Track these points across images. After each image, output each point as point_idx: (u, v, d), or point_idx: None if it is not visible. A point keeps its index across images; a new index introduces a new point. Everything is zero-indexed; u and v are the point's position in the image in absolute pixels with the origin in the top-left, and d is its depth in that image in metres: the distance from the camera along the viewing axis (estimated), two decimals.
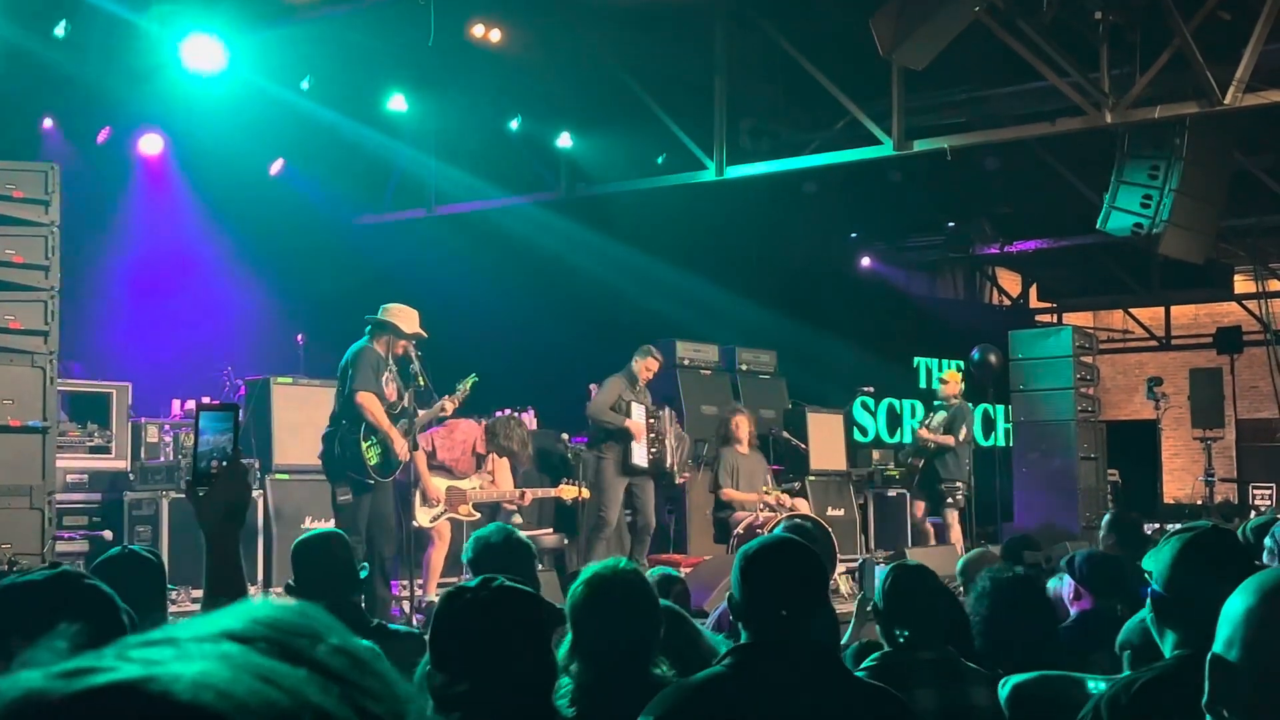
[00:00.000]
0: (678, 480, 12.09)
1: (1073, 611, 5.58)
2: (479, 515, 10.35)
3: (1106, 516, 8.54)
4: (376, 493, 9.22)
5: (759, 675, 3.09)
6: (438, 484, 10.25)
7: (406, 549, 9.82)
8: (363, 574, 5.37)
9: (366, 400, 9.09)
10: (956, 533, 13.59)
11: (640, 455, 11.50)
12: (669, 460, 11.70)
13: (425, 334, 9.41)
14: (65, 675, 0.73)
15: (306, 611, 0.83)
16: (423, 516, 10.15)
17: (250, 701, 0.72)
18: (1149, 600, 3.05)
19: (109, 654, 0.76)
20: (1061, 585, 5.79)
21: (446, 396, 9.76)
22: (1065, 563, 5.83)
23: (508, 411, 11.16)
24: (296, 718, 0.73)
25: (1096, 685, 3.41)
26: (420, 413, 9.57)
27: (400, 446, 9.17)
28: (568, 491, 10.92)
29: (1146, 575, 3.07)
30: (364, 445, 9.12)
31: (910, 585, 4.31)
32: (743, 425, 12.36)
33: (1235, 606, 1.90)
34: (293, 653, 0.78)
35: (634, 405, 11.55)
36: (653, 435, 11.58)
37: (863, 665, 4.16)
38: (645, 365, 11.69)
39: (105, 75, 11.71)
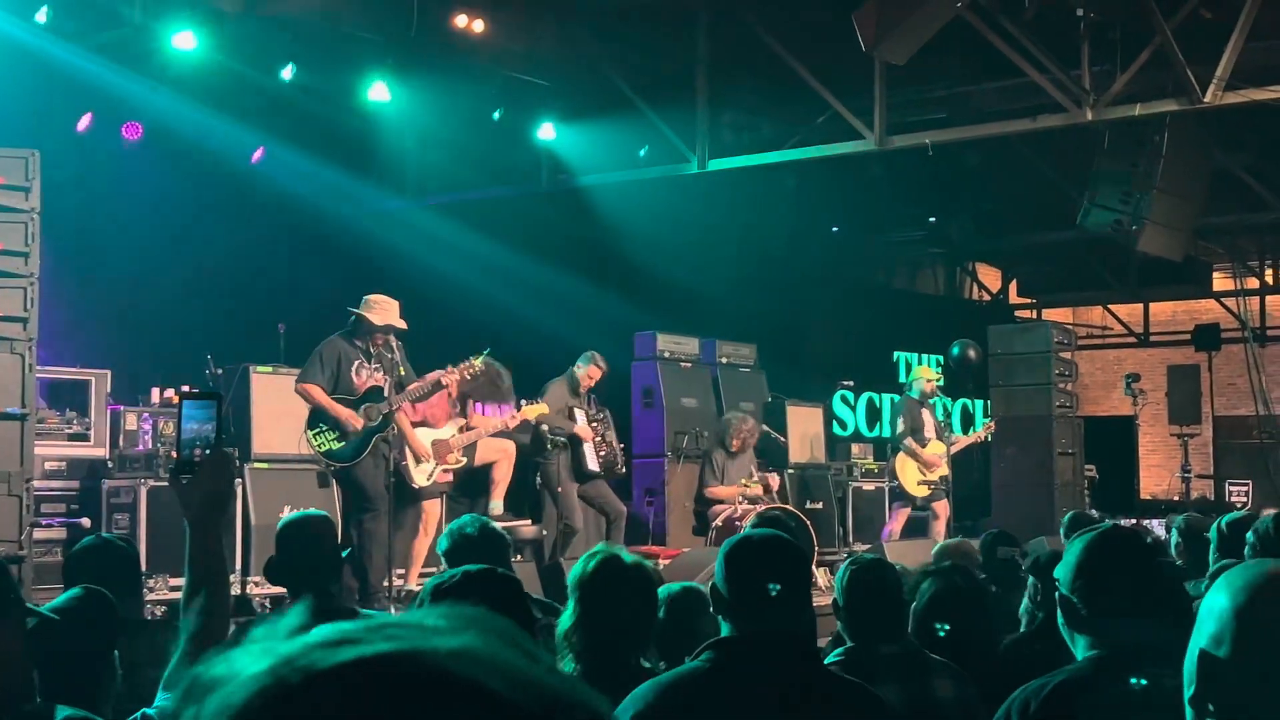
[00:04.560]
0: (623, 471, 12.23)
1: (1040, 614, 5.54)
2: (465, 460, 10.30)
3: (1066, 517, 8.54)
4: (363, 477, 9.26)
5: (737, 671, 3.08)
6: (422, 438, 10.20)
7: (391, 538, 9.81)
8: (344, 555, 5.42)
9: (305, 390, 9.27)
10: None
11: (592, 460, 11.61)
12: (619, 462, 11.86)
13: (402, 324, 9.41)
14: (325, 646, 0.71)
15: (497, 618, 0.80)
16: (419, 476, 10.08)
17: (523, 681, 0.71)
18: (1059, 606, 3.10)
19: (345, 630, 0.73)
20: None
21: (443, 370, 9.68)
22: (1029, 567, 5.79)
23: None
24: (568, 707, 0.72)
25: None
26: (412, 386, 9.56)
27: (352, 421, 9.19)
28: (530, 411, 10.83)
29: (1055, 582, 3.12)
30: (309, 433, 9.25)
31: (867, 580, 4.29)
32: (745, 438, 12.41)
33: (1221, 602, 1.91)
34: (521, 648, 0.76)
35: (576, 411, 11.64)
36: (598, 439, 11.68)
37: (826, 660, 4.16)
38: (588, 373, 11.74)
39: (87, 61, 11.66)
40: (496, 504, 10.65)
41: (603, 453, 11.68)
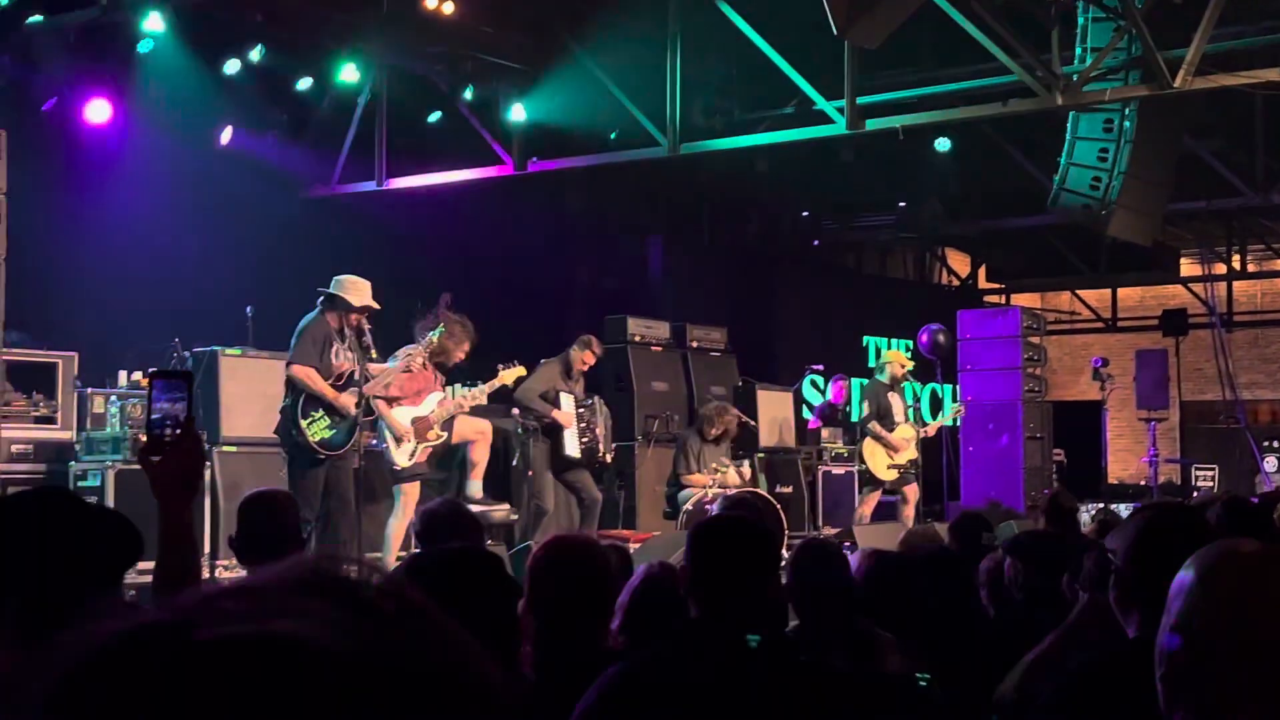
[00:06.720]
0: (608, 459, 12.08)
1: (1018, 595, 5.57)
2: (445, 435, 10.15)
3: (1049, 496, 8.65)
4: (332, 468, 9.15)
5: (704, 652, 3.09)
6: (400, 418, 9.98)
7: (357, 527, 9.74)
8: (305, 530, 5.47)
9: (301, 373, 9.05)
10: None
11: (572, 446, 11.50)
12: (601, 449, 11.71)
13: (378, 306, 9.36)
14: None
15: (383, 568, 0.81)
16: (400, 457, 9.86)
17: (374, 650, 0.72)
18: (1112, 578, 3.09)
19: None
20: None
21: (412, 348, 9.71)
22: (1008, 548, 5.82)
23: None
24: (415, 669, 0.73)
25: None
26: (385, 366, 9.53)
27: (346, 404, 9.11)
28: (508, 375, 10.70)
29: (1110, 554, 3.11)
30: (303, 422, 9.05)
31: (813, 564, 4.31)
32: (723, 428, 12.30)
33: (1187, 580, 1.93)
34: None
35: (563, 395, 11.52)
36: (583, 425, 11.57)
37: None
38: (583, 357, 11.64)
39: (53, 43, 11.57)
40: (475, 485, 10.50)
41: (585, 440, 11.56)
